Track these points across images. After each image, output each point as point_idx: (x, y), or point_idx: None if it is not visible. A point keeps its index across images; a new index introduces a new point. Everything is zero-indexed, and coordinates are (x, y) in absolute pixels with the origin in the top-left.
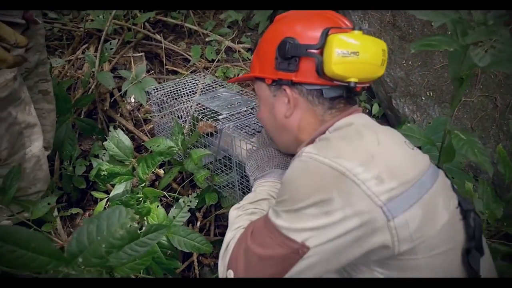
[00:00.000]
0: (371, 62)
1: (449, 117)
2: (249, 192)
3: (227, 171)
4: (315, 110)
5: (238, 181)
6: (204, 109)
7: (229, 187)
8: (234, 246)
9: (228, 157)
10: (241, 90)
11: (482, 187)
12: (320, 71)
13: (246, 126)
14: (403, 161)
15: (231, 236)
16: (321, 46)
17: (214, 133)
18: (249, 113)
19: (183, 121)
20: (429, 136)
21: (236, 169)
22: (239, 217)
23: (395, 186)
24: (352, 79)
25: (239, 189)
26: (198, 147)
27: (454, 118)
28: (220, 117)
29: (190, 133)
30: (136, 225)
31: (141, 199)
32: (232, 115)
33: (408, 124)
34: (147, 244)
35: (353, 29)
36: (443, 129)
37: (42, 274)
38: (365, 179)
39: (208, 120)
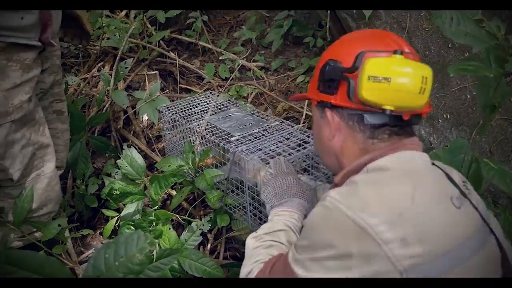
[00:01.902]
0: (405, 90)
1: (472, 143)
2: (260, 215)
3: (237, 191)
4: (356, 136)
5: (249, 203)
6: (216, 129)
7: (240, 208)
8: None
9: (240, 179)
10: (254, 110)
11: (504, 215)
12: (351, 95)
13: (259, 149)
14: (439, 224)
15: (249, 270)
16: (355, 70)
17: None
18: (261, 135)
19: (193, 139)
20: (447, 160)
21: (248, 192)
22: (256, 249)
23: (421, 253)
24: (387, 107)
25: (250, 210)
26: (209, 167)
27: (471, 141)
28: (232, 138)
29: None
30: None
31: (153, 221)
32: (244, 137)
33: (434, 151)
34: (160, 269)
35: (395, 52)
36: (461, 152)
37: None
38: (388, 240)
39: (220, 142)
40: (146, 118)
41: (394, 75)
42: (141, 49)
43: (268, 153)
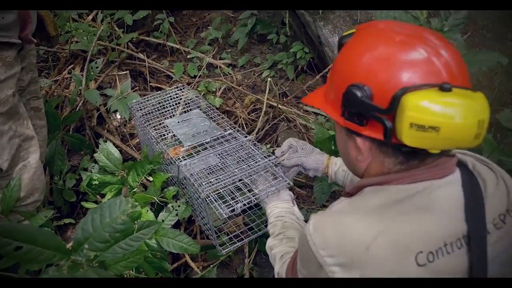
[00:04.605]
0: (456, 139)
1: None
2: (200, 209)
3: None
4: (385, 161)
5: (196, 201)
6: (170, 136)
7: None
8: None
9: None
10: (221, 113)
11: None
12: (387, 138)
13: (202, 164)
14: (387, 275)
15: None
16: (391, 111)
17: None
18: (210, 146)
19: (165, 133)
20: None
21: (192, 189)
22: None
23: None
24: (433, 151)
25: (196, 203)
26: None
27: None
28: (182, 149)
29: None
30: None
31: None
32: (194, 147)
33: None
34: (140, 239)
35: (441, 87)
36: None
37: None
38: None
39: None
40: (119, 116)
41: (443, 125)
42: (110, 51)
43: (211, 169)
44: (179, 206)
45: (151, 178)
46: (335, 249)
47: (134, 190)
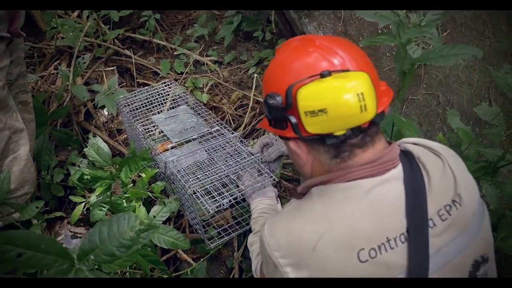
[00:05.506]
0: (345, 115)
1: (398, 108)
2: (188, 204)
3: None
4: (321, 158)
5: (183, 196)
6: (157, 131)
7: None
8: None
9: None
10: (207, 110)
11: None
12: (298, 132)
13: (190, 160)
14: (334, 273)
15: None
16: (290, 107)
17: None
18: (198, 142)
19: (152, 128)
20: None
21: (180, 185)
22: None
23: None
24: (338, 133)
25: (184, 198)
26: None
27: (403, 115)
28: (169, 145)
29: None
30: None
31: (124, 199)
32: (181, 143)
33: None
34: (139, 243)
35: (322, 75)
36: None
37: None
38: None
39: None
40: (106, 113)
41: (328, 105)
42: (96, 47)
43: (198, 165)
44: (170, 202)
45: (141, 174)
46: (286, 250)
47: (129, 185)
